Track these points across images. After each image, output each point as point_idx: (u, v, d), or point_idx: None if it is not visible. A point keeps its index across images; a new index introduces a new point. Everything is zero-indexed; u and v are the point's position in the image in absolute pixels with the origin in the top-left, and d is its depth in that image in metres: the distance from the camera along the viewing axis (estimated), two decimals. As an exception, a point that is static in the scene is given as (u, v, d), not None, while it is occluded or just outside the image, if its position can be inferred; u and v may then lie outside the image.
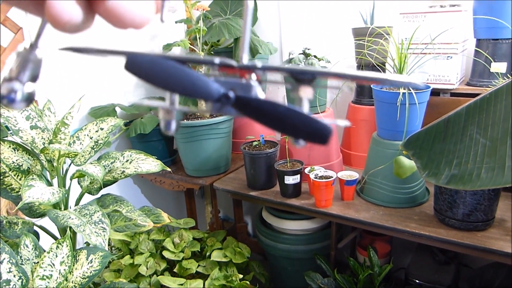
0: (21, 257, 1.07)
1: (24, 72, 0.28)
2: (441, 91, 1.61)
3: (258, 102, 0.27)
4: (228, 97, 0.27)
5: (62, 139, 1.15)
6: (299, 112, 0.26)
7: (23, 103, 0.28)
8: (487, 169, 0.61)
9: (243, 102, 0.27)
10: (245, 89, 0.28)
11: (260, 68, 0.28)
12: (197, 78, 0.26)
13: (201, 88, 0.26)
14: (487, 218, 1.29)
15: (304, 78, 0.28)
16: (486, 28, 1.52)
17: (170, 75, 0.26)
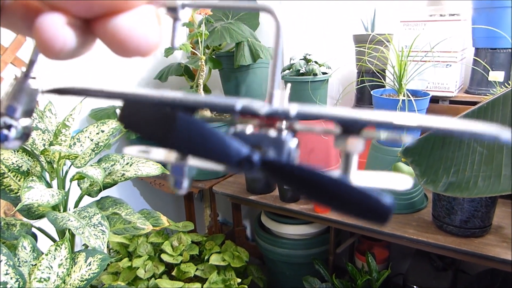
0: (19, 259, 1.07)
1: (18, 105, 0.24)
2: (440, 99, 1.63)
3: (291, 169, 0.21)
4: (251, 162, 0.21)
5: (63, 141, 1.15)
6: (348, 184, 0.20)
7: (18, 141, 0.24)
8: (484, 177, 0.62)
9: (271, 167, 0.21)
10: (276, 145, 0.22)
11: (294, 117, 0.21)
12: (210, 135, 0.21)
13: (217, 149, 0.20)
14: (484, 225, 1.29)
15: (351, 128, 0.21)
16: (484, 38, 1.54)
17: (178, 132, 0.20)
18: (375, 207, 0.19)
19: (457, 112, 1.59)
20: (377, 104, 1.50)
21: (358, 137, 0.21)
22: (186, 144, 0.21)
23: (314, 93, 1.68)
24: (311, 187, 0.20)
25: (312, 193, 0.21)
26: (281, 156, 0.22)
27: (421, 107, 1.42)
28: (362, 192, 0.19)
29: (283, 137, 0.22)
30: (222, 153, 0.21)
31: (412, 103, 1.37)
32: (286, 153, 0.22)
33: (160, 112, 0.21)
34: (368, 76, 1.69)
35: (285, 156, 0.22)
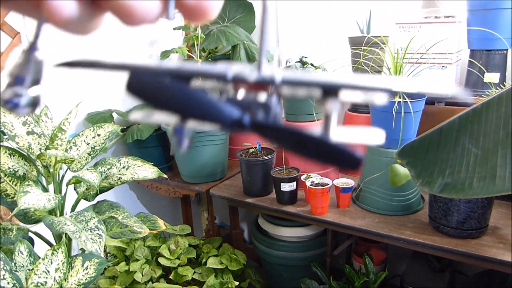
0: (16, 264, 1.07)
1: (25, 75, 0.26)
2: (436, 100, 1.63)
3: (280, 129, 0.24)
4: (242, 124, 0.24)
5: (59, 145, 1.15)
6: (325, 139, 0.24)
7: (28, 108, 0.27)
8: (479, 178, 0.62)
9: (260, 128, 0.24)
10: (264, 108, 0.25)
11: (282, 82, 0.24)
12: (207, 101, 0.24)
13: (212, 112, 0.23)
14: (481, 226, 1.30)
15: (331, 91, 0.25)
16: (479, 39, 1.55)
17: (177, 99, 0.23)
18: (349, 158, 0.23)
19: (453, 113, 1.59)
20: (373, 106, 1.50)
21: (335, 99, 0.25)
22: (185, 109, 0.24)
23: (311, 96, 1.68)
24: (294, 143, 0.24)
25: (295, 149, 0.24)
26: (268, 118, 0.25)
27: (417, 109, 1.42)
28: (338, 146, 0.23)
29: (270, 101, 0.25)
30: (216, 115, 0.24)
31: (408, 104, 1.38)
32: (272, 115, 0.25)
33: (161, 81, 0.24)
34: (364, 78, 1.70)
35: (272, 117, 0.25)
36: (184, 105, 0.23)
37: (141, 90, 0.24)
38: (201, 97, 0.23)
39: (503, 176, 0.59)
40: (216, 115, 0.24)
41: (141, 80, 0.24)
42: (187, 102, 0.23)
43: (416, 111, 1.41)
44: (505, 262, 1.19)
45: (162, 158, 2.04)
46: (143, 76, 0.24)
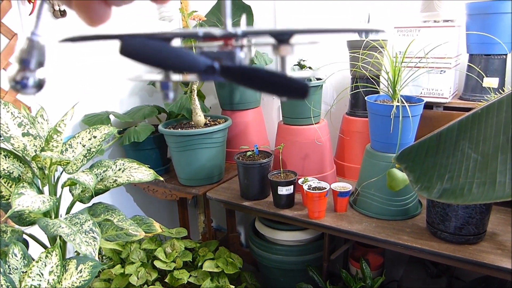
0: (9, 266, 1.05)
1: (31, 58, 0.30)
2: (434, 105, 1.63)
3: (242, 69, 0.30)
4: (213, 68, 0.29)
5: (54, 147, 1.14)
6: (278, 73, 0.29)
7: (35, 88, 0.31)
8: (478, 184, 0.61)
9: (228, 70, 0.30)
10: (230, 57, 0.31)
11: (241, 34, 0.30)
12: (185, 54, 0.29)
13: (189, 62, 0.29)
14: (479, 232, 1.29)
15: (283, 38, 0.31)
16: (478, 44, 1.54)
17: (161, 55, 0.29)
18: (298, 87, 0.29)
19: (451, 118, 1.59)
20: (371, 109, 1.50)
21: (288, 44, 0.31)
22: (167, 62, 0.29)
23: (308, 99, 1.68)
24: (256, 80, 0.29)
25: (257, 85, 0.29)
26: (234, 64, 0.31)
27: (415, 113, 1.42)
28: (288, 77, 0.28)
29: (235, 50, 0.31)
30: (193, 64, 0.29)
31: (406, 108, 1.37)
32: (238, 61, 0.31)
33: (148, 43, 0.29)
34: (362, 82, 1.70)
35: (237, 63, 0.31)
36: (166, 58, 0.29)
37: (132, 51, 0.29)
38: (180, 51, 0.29)
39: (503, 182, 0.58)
40: (192, 63, 0.29)
41: (132, 44, 0.29)
42: (168, 56, 0.29)
43: (414, 115, 1.41)
44: (504, 269, 1.18)
45: (159, 161, 2.03)
46: (134, 40, 0.29)
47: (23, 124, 1.16)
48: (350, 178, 1.84)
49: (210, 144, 1.80)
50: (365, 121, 1.72)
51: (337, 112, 1.99)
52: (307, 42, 0.34)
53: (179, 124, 1.95)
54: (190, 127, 1.86)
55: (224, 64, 0.30)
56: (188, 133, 1.76)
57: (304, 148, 1.73)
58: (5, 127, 1.12)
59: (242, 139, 2.09)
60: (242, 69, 0.30)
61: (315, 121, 1.73)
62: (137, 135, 1.84)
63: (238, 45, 0.32)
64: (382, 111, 1.44)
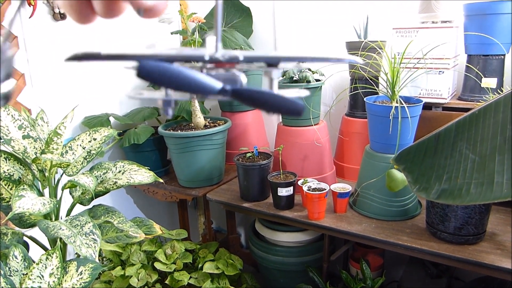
0: (10, 268, 1.06)
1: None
2: (433, 105, 1.63)
3: (249, 92, 0.33)
4: (226, 91, 0.33)
5: (55, 149, 1.14)
6: (278, 95, 0.33)
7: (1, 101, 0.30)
8: (476, 185, 0.61)
9: (237, 93, 0.33)
10: (233, 80, 0.34)
11: (242, 60, 0.33)
12: (200, 78, 0.32)
13: (205, 86, 0.32)
14: (478, 232, 1.29)
15: (274, 63, 0.36)
16: (477, 44, 1.55)
17: (179, 79, 0.31)
18: (294, 107, 0.33)
19: (450, 118, 1.60)
20: (370, 110, 1.50)
21: (277, 68, 0.35)
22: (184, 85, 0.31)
23: (308, 100, 1.68)
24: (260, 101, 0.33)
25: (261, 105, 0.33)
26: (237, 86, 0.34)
27: (414, 114, 1.42)
28: (286, 99, 0.33)
29: (236, 73, 0.34)
30: (208, 88, 0.32)
31: (405, 109, 1.38)
32: (239, 83, 0.34)
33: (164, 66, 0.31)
34: (361, 83, 1.70)
35: (240, 85, 0.34)
36: (184, 82, 0.31)
37: (150, 75, 0.31)
38: (196, 75, 0.31)
39: (501, 182, 0.59)
40: (207, 87, 0.32)
41: (148, 68, 0.31)
42: (186, 80, 0.31)
43: (413, 116, 1.41)
44: (503, 269, 1.18)
45: (159, 162, 2.04)
46: (149, 64, 0.31)
47: (23, 127, 1.16)
48: (349, 179, 1.85)
49: (210, 145, 1.81)
50: (364, 122, 1.72)
51: (336, 113, 1.99)
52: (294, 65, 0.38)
53: (179, 125, 1.95)
54: (190, 129, 1.86)
55: (234, 88, 0.33)
56: (188, 134, 1.76)
57: (303, 149, 1.73)
58: (5, 129, 1.13)
59: (241, 140, 2.09)
60: (250, 92, 0.34)
61: (315, 122, 1.74)
62: (137, 137, 1.84)
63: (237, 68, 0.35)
64: (381, 112, 1.44)
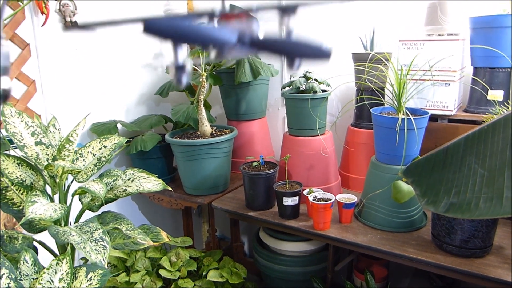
0: (20, 272, 1.07)
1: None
2: (439, 117, 1.64)
3: (268, 40, 0.32)
4: (244, 41, 0.31)
5: (66, 156, 1.16)
6: (302, 40, 0.31)
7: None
8: (485, 199, 0.62)
9: (256, 42, 0.31)
10: (249, 30, 0.33)
11: (255, 9, 0.32)
12: (213, 30, 0.30)
13: (221, 37, 0.30)
14: (485, 245, 1.29)
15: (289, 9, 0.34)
16: (483, 57, 1.56)
17: (191, 32, 0.29)
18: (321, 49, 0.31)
19: (456, 130, 1.61)
20: (376, 121, 1.51)
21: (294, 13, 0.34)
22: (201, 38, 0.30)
23: (314, 110, 1.70)
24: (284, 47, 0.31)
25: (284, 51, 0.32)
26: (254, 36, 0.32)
27: (420, 126, 1.44)
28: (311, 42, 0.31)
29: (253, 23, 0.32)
30: (224, 39, 0.30)
31: (411, 121, 1.39)
32: (256, 33, 0.32)
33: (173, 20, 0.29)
34: (367, 94, 1.72)
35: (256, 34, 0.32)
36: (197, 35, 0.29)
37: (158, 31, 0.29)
38: (208, 28, 0.30)
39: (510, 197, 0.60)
40: (223, 38, 0.30)
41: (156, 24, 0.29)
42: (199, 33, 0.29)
43: (419, 128, 1.42)
44: (511, 283, 1.18)
45: (165, 170, 2.05)
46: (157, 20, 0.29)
47: (36, 133, 1.18)
48: (354, 190, 1.85)
49: (216, 154, 1.82)
50: (370, 132, 1.73)
51: (342, 124, 2.00)
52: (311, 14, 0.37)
53: (186, 133, 1.97)
54: (197, 137, 1.88)
55: (253, 37, 0.32)
56: (194, 143, 1.78)
57: (309, 159, 1.74)
58: (19, 136, 1.15)
59: (247, 149, 2.10)
60: (270, 40, 0.32)
61: (321, 132, 1.75)
62: (144, 144, 1.86)
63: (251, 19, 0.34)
64: (387, 123, 1.45)
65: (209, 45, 0.30)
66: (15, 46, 1.60)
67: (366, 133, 1.80)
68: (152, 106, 2.28)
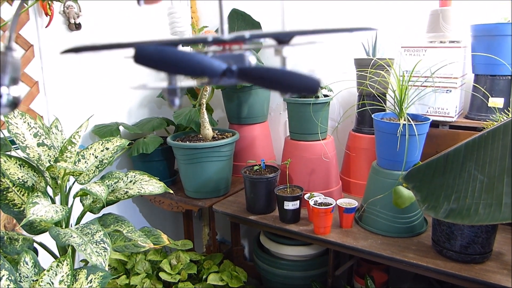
0: (20, 274, 1.07)
1: (4, 76, 0.28)
2: (440, 123, 1.65)
3: (258, 70, 0.30)
4: (232, 71, 0.30)
5: (68, 157, 1.17)
6: (291, 71, 0.30)
7: (8, 108, 0.29)
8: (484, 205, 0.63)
9: (244, 72, 0.30)
10: (240, 60, 0.32)
11: (249, 38, 0.31)
12: (201, 59, 0.29)
13: (207, 67, 0.29)
14: (485, 251, 1.29)
15: (285, 39, 0.33)
16: (484, 64, 1.57)
17: (179, 62, 0.28)
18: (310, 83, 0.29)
19: (457, 136, 1.61)
20: (378, 127, 1.52)
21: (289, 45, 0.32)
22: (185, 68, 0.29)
23: (316, 115, 1.70)
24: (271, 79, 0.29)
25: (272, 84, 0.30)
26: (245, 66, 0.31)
27: (422, 132, 1.44)
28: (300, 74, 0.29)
29: (244, 53, 0.31)
30: (211, 69, 0.29)
31: (412, 127, 1.39)
32: (247, 63, 0.31)
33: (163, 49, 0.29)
34: (369, 100, 1.72)
35: (247, 64, 0.31)
36: (184, 64, 0.28)
37: (148, 59, 0.29)
38: (196, 56, 0.29)
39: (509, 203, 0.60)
40: (210, 68, 0.29)
41: (147, 51, 0.29)
42: (186, 62, 0.28)
43: (420, 134, 1.43)
44: (509, 289, 1.18)
45: (167, 172, 2.06)
46: (148, 48, 0.29)
47: (38, 135, 1.19)
48: (355, 194, 1.85)
49: (218, 157, 1.83)
50: (371, 137, 1.74)
51: (344, 129, 2.01)
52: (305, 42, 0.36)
53: (187, 137, 1.97)
54: (198, 140, 1.88)
55: (241, 67, 0.30)
56: (196, 146, 1.78)
57: (310, 163, 1.75)
58: (21, 137, 1.15)
59: (249, 153, 2.11)
60: (259, 70, 0.30)
61: (322, 137, 1.76)
62: (146, 146, 1.87)
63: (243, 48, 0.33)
64: (388, 129, 1.46)
65: (198, 75, 0.30)
66: (18, 47, 1.61)
67: (367, 138, 1.80)
68: (154, 109, 2.29)
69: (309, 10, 2.07)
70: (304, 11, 2.09)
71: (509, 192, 0.61)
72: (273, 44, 0.34)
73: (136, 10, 2.04)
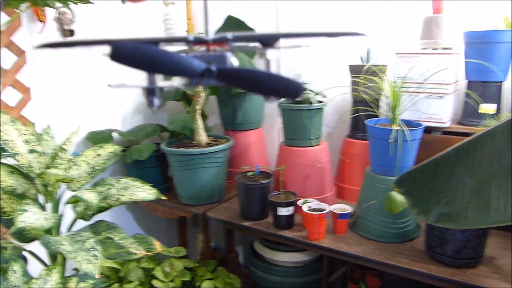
0: (8, 283, 1.06)
1: None
2: (433, 129, 1.65)
3: (238, 71, 0.30)
4: (211, 71, 0.29)
5: (59, 164, 1.16)
6: (273, 74, 0.29)
7: None
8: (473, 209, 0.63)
9: (224, 73, 0.30)
10: (221, 60, 0.31)
11: (232, 39, 0.31)
12: (179, 58, 0.28)
13: (185, 66, 0.28)
14: (476, 256, 1.30)
15: (270, 42, 0.32)
16: (476, 71, 1.58)
17: (156, 60, 0.28)
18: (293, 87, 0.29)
19: (450, 142, 1.62)
20: (371, 133, 1.52)
21: (273, 48, 0.32)
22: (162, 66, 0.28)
23: (310, 121, 1.71)
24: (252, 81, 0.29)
25: (253, 86, 0.29)
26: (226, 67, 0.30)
27: (415, 137, 1.44)
28: (283, 77, 0.29)
29: (225, 54, 0.31)
30: (189, 69, 0.28)
31: (405, 133, 1.40)
32: (229, 64, 0.31)
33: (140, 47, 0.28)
34: (362, 106, 1.73)
35: (229, 65, 0.31)
36: (162, 63, 0.27)
37: (124, 57, 0.28)
38: (175, 56, 0.28)
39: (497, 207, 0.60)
40: (189, 67, 0.28)
41: (124, 49, 0.28)
42: (164, 60, 0.27)
43: (413, 140, 1.43)
44: (501, 294, 1.18)
45: (160, 179, 2.05)
46: (125, 45, 0.28)
47: (29, 141, 1.18)
48: (349, 200, 1.85)
49: (212, 163, 1.82)
50: (365, 143, 1.74)
51: (338, 135, 2.01)
52: (291, 45, 0.34)
53: (181, 143, 1.97)
54: (192, 147, 1.88)
55: (221, 67, 0.30)
56: (190, 152, 1.78)
57: (304, 169, 1.75)
58: (11, 143, 1.15)
59: (243, 159, 2.11)
60: (240, 71, 0.30)
61: (316, 143, 1.76)
62: (140, 153, 1.86)
63: (226, 49, 0.32)
64: (382, 134, 1.46)
65: (177, 75, 0.29)
66: (11, 54, 1.60)
67: (361, 144, 1.81)
68: (149, 115, 2.28)
69: (304, 18, 2.09)
70: (299, 19, 2.10)
71: (498, 196, 0.61)
72: (257, 47, 0.33)
73: (130, 17, 2.04)
